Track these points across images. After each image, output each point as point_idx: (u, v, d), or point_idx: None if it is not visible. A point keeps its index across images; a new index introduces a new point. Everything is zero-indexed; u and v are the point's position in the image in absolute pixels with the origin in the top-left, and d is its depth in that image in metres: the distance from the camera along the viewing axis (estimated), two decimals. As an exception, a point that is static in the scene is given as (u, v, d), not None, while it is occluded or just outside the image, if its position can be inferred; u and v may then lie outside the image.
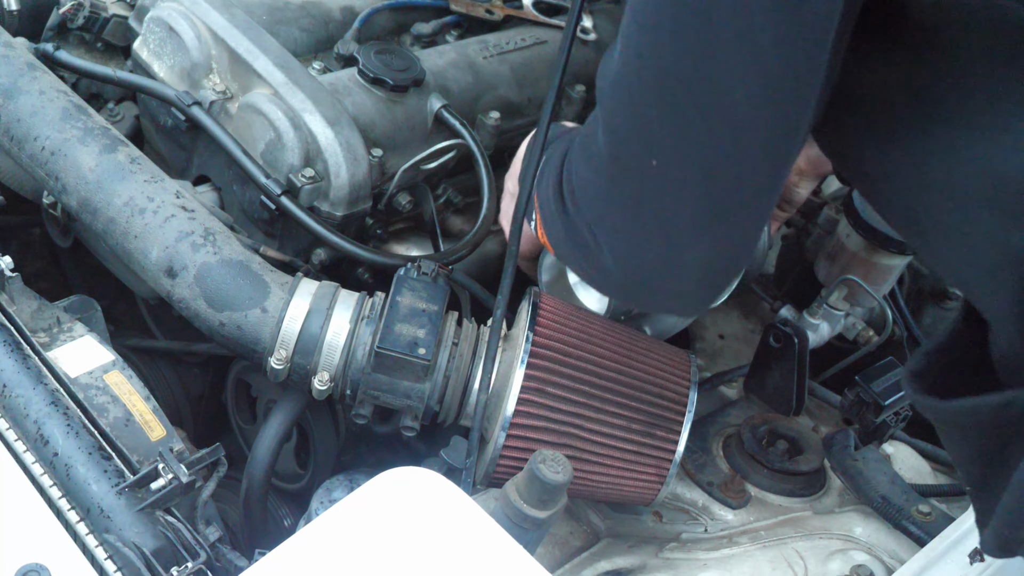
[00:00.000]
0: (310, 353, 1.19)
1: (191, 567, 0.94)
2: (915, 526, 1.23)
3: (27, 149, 1.32)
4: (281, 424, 1.30)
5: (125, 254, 1.27)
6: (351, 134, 1.42)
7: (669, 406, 1.19)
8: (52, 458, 1.01)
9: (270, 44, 1.49)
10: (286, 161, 1.41)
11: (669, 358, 1.23)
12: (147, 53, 1.55)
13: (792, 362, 1.40)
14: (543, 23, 1.79)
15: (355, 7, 1.67)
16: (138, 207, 1.25)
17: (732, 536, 1.26)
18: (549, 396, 1.14)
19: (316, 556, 0.82)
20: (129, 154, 1.31)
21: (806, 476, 1.32)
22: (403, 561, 0.82)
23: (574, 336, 1.18)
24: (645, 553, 1.25)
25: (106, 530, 0.96)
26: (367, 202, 1.46)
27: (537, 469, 0.98)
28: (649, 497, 1.22)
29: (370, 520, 0.85)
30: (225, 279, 1.21)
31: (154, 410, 1.12)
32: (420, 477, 0.88)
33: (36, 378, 1.07)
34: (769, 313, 1.65)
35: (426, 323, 1.17)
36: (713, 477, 1.32)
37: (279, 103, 1.42)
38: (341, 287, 1.25)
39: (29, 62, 1.39)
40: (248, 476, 1.30)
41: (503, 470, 1.15)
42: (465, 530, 0.86)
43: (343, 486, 1.23)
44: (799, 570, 1.18)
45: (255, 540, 1.31)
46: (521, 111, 1.68)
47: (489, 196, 1.50)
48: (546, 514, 1.00)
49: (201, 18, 1.50)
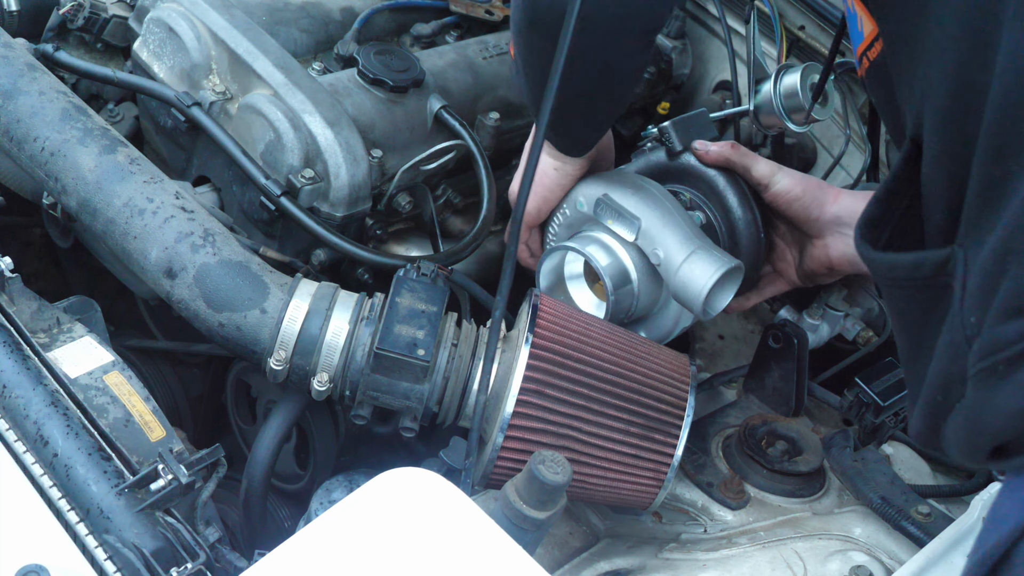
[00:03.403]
0: (309, 354, 1.19)
1: (191, 568, 0.94)
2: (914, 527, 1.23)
3: (27, 150, 1.32)
4: (281, 425, 1.30)
5: (124, 255, 1.27)
6: (351, 135, 1.43)
7: (668, 410, 1.19)
8: (52, 459, 1.01)
9: (270, 45, 1.49)
10: (286, 162, 1.41)
11: (668, 361, 1.23)
12: (147, 54, 1.55)
13: (792, 363, 1.41)
14: (543, 24, 1.79)
15: (355, 8, 1.67)
16: (137, 208, 1.25)
17: (731, 537, 1.26)
18: (548, 398, 1.14)
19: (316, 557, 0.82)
20: (129, 155, 1.31)
21: (805, 477, 1.32)
22: (403, 562, 0.82)
23: (574, 338, 1.18)
24: (644, 554, 1.26)
25: (106, 531, 0.96)
26: (367, 203, 1.46)
27: (536, 470, 0.98)
28: (647, 501, 1.22)
29: (370, 521, 0.85)
30: (224, 280, 1.21)
31: (154, 411, 1.12)
32: (419, 478, 0.88)
33: (36, 379, 1.07)
34: (769, 314, 1.66)
35: (425, 324, 1.17)
36: (712, 477, 1.32)
37: (279, 104, 1.42)
38: (340, 288, 1.25)
39: (29, 63, 1.39)
40: (248, 477, 1.30)
41: (501, 471, 1.15)
42: (464, 531, 0.86)
43: (343, 487, 1.23)
44: (798, 571, 1.18)
45: (255, 541, 1.32)
46: (521, 111, 1.68)
47: (489, 197, 1.50)
48: (545, 515, 1.00)
49: (201, 19, 1.50)
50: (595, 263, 1.30)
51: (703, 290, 1.24)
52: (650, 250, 1.29)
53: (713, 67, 2.02)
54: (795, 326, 1.42)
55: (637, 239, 1.29)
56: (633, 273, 1.31)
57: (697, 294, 1.24)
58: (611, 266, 1.31)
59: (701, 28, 2.03)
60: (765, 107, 1.59)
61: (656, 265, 1.29)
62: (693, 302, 1.25)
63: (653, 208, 1.29)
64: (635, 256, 1.31)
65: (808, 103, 1.55)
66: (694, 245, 1.26)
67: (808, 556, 1.20)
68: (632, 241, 1.30)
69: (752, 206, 1.35)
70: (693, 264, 1.25)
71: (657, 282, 1.32)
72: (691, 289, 1.25)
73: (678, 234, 1.27)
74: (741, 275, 1.28)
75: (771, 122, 1.60)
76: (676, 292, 1.28)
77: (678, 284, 1.26)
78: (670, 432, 1.19)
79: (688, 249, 1.26)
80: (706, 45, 2.03)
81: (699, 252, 1.25)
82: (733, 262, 1.26)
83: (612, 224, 1.31)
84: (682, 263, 1.25)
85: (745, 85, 1.71)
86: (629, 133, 1.98)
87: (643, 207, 1.29)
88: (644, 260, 1.30)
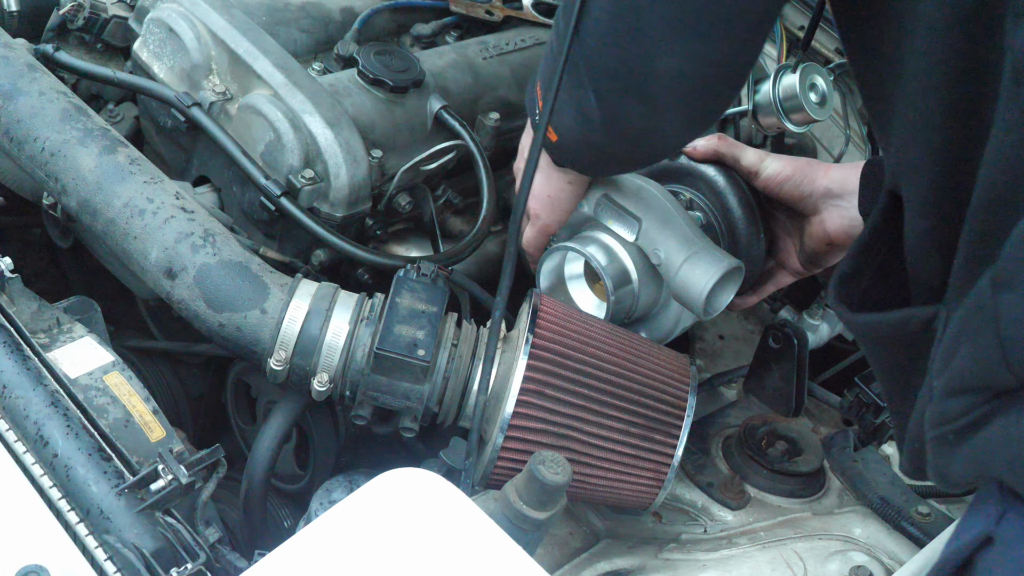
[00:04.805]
0: (309, 354, 1.19)
1: (191, 568, 0.94)
2: (914, 527, 1.23)
3: (27, 150, 1.32)
4: (281, 425, 1.30)
5: (125, 255, 1.27)
6: (351, 135, 1.42)
7: (668, 411, 1.19)
8: (52, 459, 1.01)
9: (270, 45, 1.49)
10: (286, 162, 1.41)
11: (669, 362, 1.23)
12: (147, 54, 1.55)
13: (792, 363, 1.41)
14: (543, 24, 1.79)
15: (355, 8, 1.67)
16: (137, 208, 1.25)
17: (731, 537, 1.26)
18: (548, 398, 1.14)
19: (316, 557, 0.82)
20: (129, 155, 1.31)
21: (805, 477, 1.32)
22: (403, 562, 0.82)
23: (574, 338, 1.18)
24: (645, 554, 1.26)
25: (106, 531, 0.96)
26: (367, 203, 1.46)
27: (537, 470, 0.98)
28: (646, 502, 1.22)
29: (370, 521, 0.85)
30: (224, 280, 1.21)
31: (154, 411, 1.12)
32: (420, 478, 0.88)
33: (36, 379, 1.07)
34: (769, 314, 1.66)
35: (425, 324, 1.17)
36: (712, 478, 1.32)
37: (279, 104, 1.42)
38: (340, 288, 1.25)
39: (29, 63, 1.39)
40: (248, 477, 1.30)
41: (501, 472, 1.15)
42: (464, 531, 0.86)
43: (343, 487, 1.23)
44: (798, 571, 1.18)
45: (255, 541, 1.32)
46: (521, 112, 1.68)
47: (489, 197, 1.50)
48: (545, 515, 1.00)
49: (201, 19, 1.50)
50: (595, 263, 1.30)
51: (704, 290, 1.24)
52: (651, 250, 1.29)
53: (713, 67, 2.02)
54: (795, 326, 1.42)
55: (638, 239, 1.29)
56: (633, 273, 1.31)
57: (698, 294, 1.24)
58: (611, 266, 1.31)
59: (701, 28, 2.03)
60: (764, 107, 1.59)
61: (657, 265, 1.29)
62: (694, 302, 1.25)
63: (654, 208, 1.29)
64: (635, 256, 1.31)
65: (807, 104, 1.55)
66: (695, 245, 1.26)
67: (808, 556, 1.20)
68: (632, 241, 1.30)
69: (752, 206, 1.35)
70: (694, 264, 1.25)
71: (657, 282, 1.32)
72: (692, 289, 1.25)
73: (679, 234, 1.27)
74: (742, 275, 1.28)
75: (770, 123, 1.60)
76: (677, 292, 1.28)
77: (679, 284, 1.26)
78: (670, 433, 1.18)
79: (689, 249, 1.26)
80: (706, 45, 2.03)
81: (700, 252, 1.25)
82: (734, 262, 1.26)
83: (613, 224, 1.31)
84: (683, 263, 1.25)
85: (744, 84, 1.70)
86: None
87: (644, 207, 1.29)
88: (644, 260, 1.30)
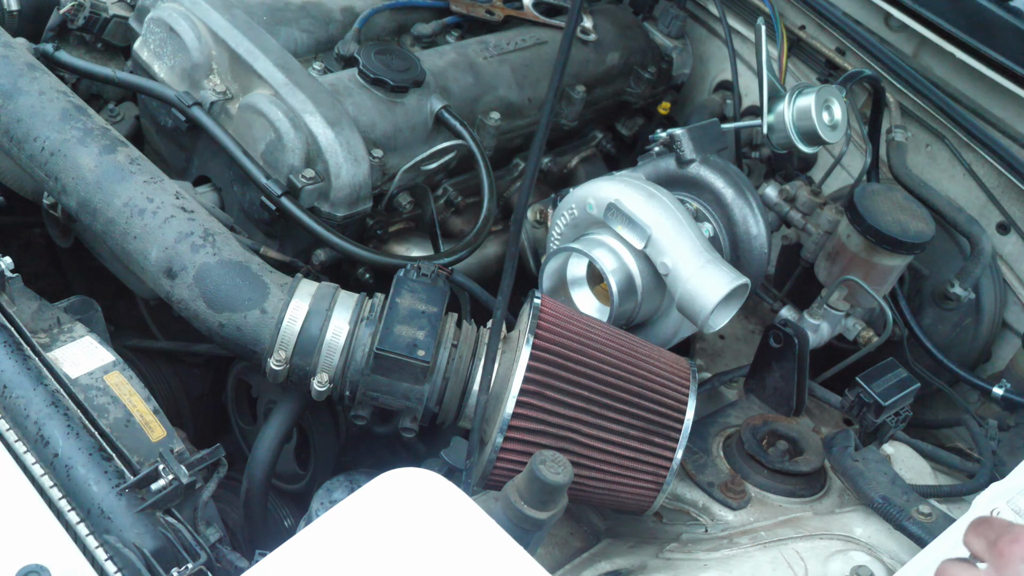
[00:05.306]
0: (309, 354, 1.19)
1: (191, 568, 0.94)
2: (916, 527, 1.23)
3: (27, 149, 1.32)
4: (281, 425, 1.30)
5: (125, 255, 1.27)
6: (351, 135, 1.42)
7: (668, 413, 1.19)
8: (52, 459, 1.01)
9: (270, 45, 1.49)
10: (287, 162, 1.41)
11: (669, 365, 1.23)
12: (147, 54, 1.55)
13: (792, 362, 1.41)
14: (543, 23, 1.79)
15: (356, 8, 1.67)
16: (137, 208, 1.25)
17: (732, 536, 1.26)
18: (548, 399, 1.14)
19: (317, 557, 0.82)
20: (129, 155, 1.31)
21: (806, 477, 1.32)
22: (404, 562, 0.82)
23: (574, 340, 1.18)
24: (645, 553, 1.25)
25: (107, 531, 0.96)
26: (367, 203, 1.46)
27: (538, 470, 0.98)
28: (645, 504, 1.22)
29: (371, 521, 0.85)
30: (224, 280, 1.21)
31: (154, 411, 1.12)
32: (420, 478, 0.88)
33: (36, 379, 1.07)
34: (769, 313, 1.66)
35: (425, 324, 1.17)
36: (713, 478, 1.32)
37: (279, 104, 1.42)
38: (341, 288, 1.25)
39: (29, 63, 1.39)
40: (248, 477, 1.30)
41: (500, 472, 1.15)
42: (465, 531, 0.85)
43: (343, 487, 1.23)
44: (799, 570, 1.18)
45: (255, 541, 1.31)
46: (521, 111, 1.68)
47: (489, 196, 1.50)
48: (546, 515, 1.00)
49: (201, 19, 1.50)
50: (601, 267, 1.30)
51: (711, 304, 1.24)
52: (658, 260, 1.29)
53: (713, 67, 2.03)
54: (795, 326, 1.42)
55: (646, 247, 1.29)
56: (638, 280, 1.31)
57: (703, 308, 1.24)
58: (617, 271, 1.31)
59: (701, 28, 2.04)
60: (778, 127, 1.57)
61: (664, 275, 1.29)
62: (697, 314, 1.26)
63: (665, 218, 1.29)
64: (641, 264, 1.31)
65: (820, 126, 1.53)
66: (704, 259, 1.26)
67: (809, 556, 1.19)
68: (641, 249, 1.30)
69: (760, 222, 1.35)
70: (703, 278, 1.25)
71: (660, 291, 1.32)
72: (698, 302, 1.25)
73: (689, 246, 1.27)
74: (747, 293, 1.29)
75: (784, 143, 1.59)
76: (681, 303, 1.28)
77: (685, 296, 1.26)
78: (669, 436, 1.18)
79: (698, 262, 1.26)
80: (706, 45, 2.03)
81: (709, 267, 1.26)
82: (741, 279, 1.26)
83: (622, 230, 1.30)
84: (691, 276, 1.26)
85: (744, 85, 1.71)
86: (630, 133, 1.98)
87: (655, 217, 1.29)
88: (650, 268, 1.30)
